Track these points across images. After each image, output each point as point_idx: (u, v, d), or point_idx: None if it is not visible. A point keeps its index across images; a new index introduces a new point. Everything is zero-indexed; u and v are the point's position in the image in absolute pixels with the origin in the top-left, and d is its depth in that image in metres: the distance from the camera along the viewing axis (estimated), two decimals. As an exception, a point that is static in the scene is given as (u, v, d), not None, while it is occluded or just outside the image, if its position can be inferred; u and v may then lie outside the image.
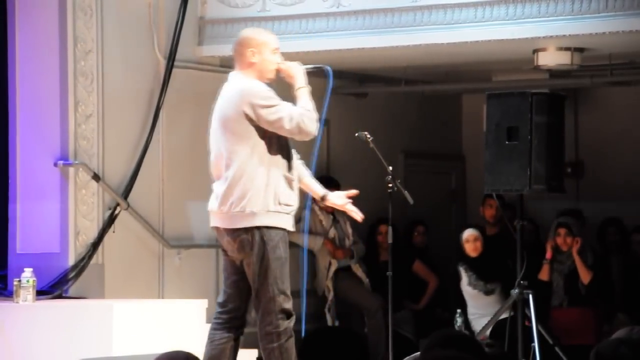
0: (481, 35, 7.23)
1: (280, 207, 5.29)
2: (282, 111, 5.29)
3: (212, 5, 7.92)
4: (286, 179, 5.32)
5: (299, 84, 5.47)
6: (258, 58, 5.47)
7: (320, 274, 8.63)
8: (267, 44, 5.51)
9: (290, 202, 5.32)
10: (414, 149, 9.62)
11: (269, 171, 5.27)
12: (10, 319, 6.72)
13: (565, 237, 7.99)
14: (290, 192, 5.33)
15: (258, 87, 5.38)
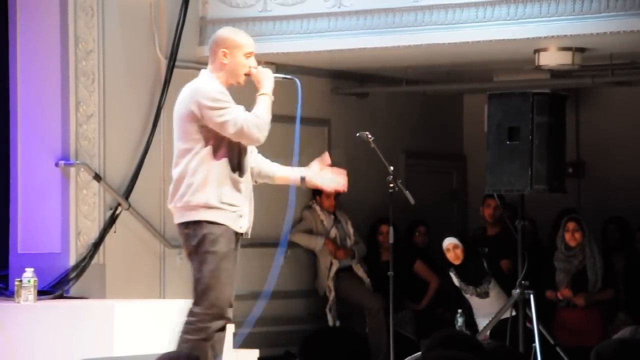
0: (482, 36, 7.23)
1: (223, 205, 5.31)
2: (229, 115, 5.29)
3: (213, 5, 7.92)
4: (232, 179, 5.33)
5: (262, 90, 5.47)
6: (229, 60, 5.45)
7: (321, 274, 8.64)
8: (241, 46, 5.47)
9: (234, 202, 5.32)
10: (415, 149, 9.62)
11: (213, 169, 5.29)
12: (11, 319, 6.72)
13: (574, 232, 7.93)
14: (235, 193, 5.32)
15: (209, 88, 5.37)
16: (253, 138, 5.35)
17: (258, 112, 5.38)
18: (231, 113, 5.29)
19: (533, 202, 7.82)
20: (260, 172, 5.59)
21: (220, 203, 5.30)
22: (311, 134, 8.92)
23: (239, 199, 5.35)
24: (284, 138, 8.74)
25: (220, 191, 5.30)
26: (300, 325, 8.29)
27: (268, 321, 8.39)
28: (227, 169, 5.32)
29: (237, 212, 5.34)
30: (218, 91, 5.35)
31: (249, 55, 5.48)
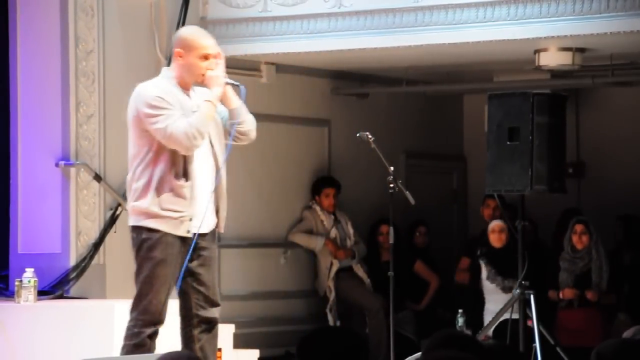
0: (483, 36, 7.23)
1: (163, 212, 5.30)
2: (161, 122, 5.27)
3: (214, 6, 7.92)
4: (174, 185, 5.30)
5: (207, 96, 5.38)
6: (183, 61, 5.39)
7: (321, 274, 8.64)
8: (197, 48, 5.39)
9: (175, 208, 5.30)
10: (415, 149, 9.62)
11: (155, 175, 5.30)
12: (11, 319, 6.71)
13: (582, 235, 7.93)
14: (178, 198, 5.29)
15: (147, 93, 5.35)
16: (182, 146, 5.28)
17: (192, 119, 5.31)
18: (164, 120, 5.27)
19: (533, 202, 7.82)
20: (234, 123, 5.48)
21: (160, 209, 5.31)
22: (311, 134, 8.93)
23: (182, 204, 5.30)
24: (284, 138, 8.76)
25: (161, 197, 5.31)
26: (301, 326, 8.29)
27: (268, 321, 8.39)
28: (169, 174, 5.30)
29: (179, 217, 5.31)
30: (154, 97, 5.32)
31: (205, 57, 5.38)
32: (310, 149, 8.89)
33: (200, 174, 5.38)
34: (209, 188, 5.39)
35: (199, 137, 5.28)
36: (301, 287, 8.71)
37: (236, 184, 8.31)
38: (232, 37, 7.88)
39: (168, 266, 5.30)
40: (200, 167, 5.38)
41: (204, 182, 5.39)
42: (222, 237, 8.23)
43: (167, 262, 5.30)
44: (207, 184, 5.40)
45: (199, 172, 5.38)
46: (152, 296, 5.30)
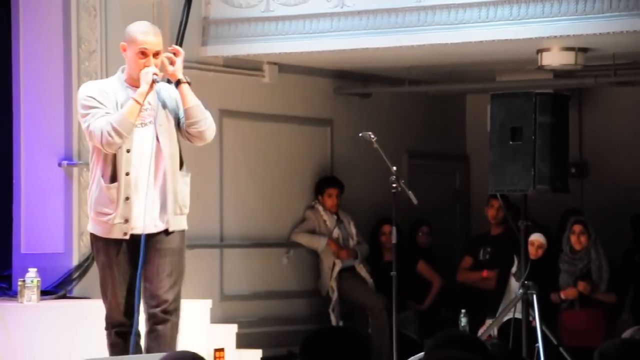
0: (485, 36, 7.23)
1: (96, 216, 5.30)
2: (87, 121, 5.24)
3: (216, 6, 7.92)
4: (102, 187, 5.27)
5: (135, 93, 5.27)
6: (126, 55, 5.32)
7: (324, 274, 8.63)
8: (135, 43, 5.29)
9: (104, 211, 5.27)
10: (418, 149, 9.62)
11: (95, 178, 5.31)
12: (14, 319, 6.71)
13: (580, 235, 7.92)
14: (105, 201, 5.26)
15: (81, 92, 5.34)
16: (100, 144, 5.23)
17: (112, 117, 5.26)
18: (89, 119, 5.25)
19: (536, 202, 7.82)
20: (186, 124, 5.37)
21: (95, 214, 5.33)
22: (314, 134, 8.93)
23: (111, 206, 5.27)
24: (287, 138, 8.76)
25: (95, 201, 5.32)
26: (303, 326, 8.29)
27: (271, 321, 8.39)
28: (102, 177, 5.29)
29: (108, 220, 5.28)
30: (85, 97, 5.30)
31: (142, 53, 5.28)
32: (312, 149, 8.89)
33: (141, 174, 5.27)
34: (152, 190, 5.29)
35: (116, 135, 5.18)
36: (304, 287, 8.71)
37: (238, 184, 8.32)
38: (234, 37, 7.89)
39: (114, 269, 5.29)
40: (141, 166, 5.27)
41: (150, 184, 5.29)
42: (225, 237, 8.26)
43: (112, 266, 5.29)
44: (151, 186, 5.30)
45: (140, 172, 5.26)
46: (106, 300, 5.35)
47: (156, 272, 5.31)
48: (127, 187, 5.26)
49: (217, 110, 8.14)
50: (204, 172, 8.03)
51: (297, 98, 8.77)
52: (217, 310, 7.59)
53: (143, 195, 5.26)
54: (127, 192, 5.26)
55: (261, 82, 8.42)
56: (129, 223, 5.27)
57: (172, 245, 5.36)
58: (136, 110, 5.23)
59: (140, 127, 5.30)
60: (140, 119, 5.29)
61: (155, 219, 5.33)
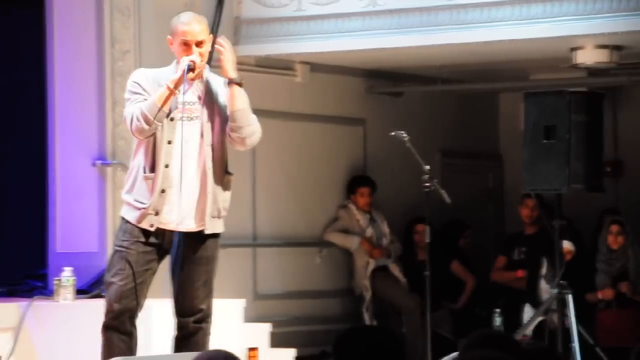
0: (518, 34, 7.19)
1: (134, 202, 5.19)
2: (127, 109, 5.16)
3: (248, 5, 7.93)
4: (142, 177, 5.16)
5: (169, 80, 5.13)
6: (172, 48, 5.25)
7: (357, 274, 8.63)
8: (177, 35, 5.21)
9: (139, 199, 5.16)
10: (451, 148, 9.59)
11: (134, 165, 5.20)
12: (50, 318, 6.76)
13: (617, 235, 7.87)
14: (142, 190, 5.14)
15: (131, 77, 5.23)
16: (130, 130, 5.14)
17: (143, 103, 5.12)
18: (128, 106, 5.17)
19: (571, 201, 7.77)
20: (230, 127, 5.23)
21: (132, 200, 5.20)
22: (346, 134, 8.92)
23: (146, 196, 5.15)
24: (319, 137, 8.76)
25: (134, 187, 5.20)
26: (337, 325, 8.29)
27: (304, 320, 8.39)
28: (142, 165, 5.19)
29: (143, 210, 5.16)
30: (131, 82, 5.22)
31: (185, 44, 5.18)
32: (345, 148, 8.88)
33: (181, 168, 5.13)
34: (190, 187, 5.16)
35: (143, 121, 5.05)
36: (337, 286, 8.71)
37: (272, 183, 8.33)
38: (266, 36, 7.89)
39: (122, 254, 5.17)
40: (182, 161, 5.13)
41: (188, 181, 5.15)
42: (258, 236, 8.27)
43: (122, 250, 5.18)
44: (190, 183, 5.17)
45: (180, 166, 5.13)
46: (107, 284, 5.21)
47: (190, 280, 5.19)
48: (165, 180, 5.13)
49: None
50: (237, 171, 7.97)
51: (329, 97, 8.77)
52: (250, 309, 7.60)
53: (178, 191, 5.13)
54: (164, 185, 5.13)
55: (293, 81, 8.42)
56: (159, 216, 5.14)
57: (207, 253, 5.24)
58: (166, 96, 5.07)
59: (187, 121, 5.15)
60: (186, 112, 5.14)
61: (187, 218, 5.19)
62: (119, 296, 5.17)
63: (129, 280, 5.16)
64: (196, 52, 5.15)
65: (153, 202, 5.14)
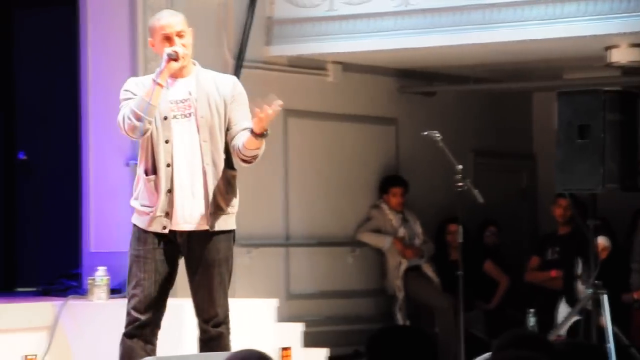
0: (552, 33, 7.16)
1: (140, 207, 5.12)
2: (119, 113, 5.08)
3: (280, 5, 7.95)
4: (145, 179, 5.09)
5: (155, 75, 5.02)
6: (155, 49, 5.14)
7: (390, 273, 8.62)
8: (156, 31, 5.10)
9: (145, 203, 5.09)
10: (483, 147, 9.56)
11: (140, 170, 5.13)
12: (84, 317, 6.80)
13: None
14: (147, 193, 5.07)
15: (123, 88, 5.18)
16: (124, 130, 5.03)
17: (133, 101, 5.03)
18: (121, 110, 5.08)
19: (605, 201, 7.72)
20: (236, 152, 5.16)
21: (139, 205, 5.14)
22: (378, 133, 8.91)
23: (151, 199, 5.07)
24: (351, 137, 8.76)
25: (139, 193, 5.13)
26: (369, 325, 8.28)
27: (337, 320, 8.39)
28: (144, 169, 5.10)
29: (149, 212, 5.08)
30: (122, 91, 5.18)
31: (167, 38, 5.07)
32: (377, 148, 8.88)
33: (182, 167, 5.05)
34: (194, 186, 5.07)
35: (134, 118, 4.96)
36: (369, 286, 8.70)
37: (304, 183, 8.33)
38: (298, 36, 7.90)
39: (140, 263, 5.08)
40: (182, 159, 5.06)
41: (190, 179, 5.07)
42: (290, 236, 8.28)
43: (141, 259, 5.08)
44: (193, 181, 5.08)
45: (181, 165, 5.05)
46: (129, 293, 5.15)
47: (205, 283, 5.14)
48: (168, 180, 5.05)
49: (281, 110, 8.16)
50: (269, 171, 8.06)
51: (361, 97, 8.76)
52: (283, 309, 7.61)
53: (184, 190, 5.05)
54: (169, 185, 5.05)
55: (325, 81, 8.43)
56: (170, 217, 5.06)
57: (219, 255, 5.16)
58: (154, 90, 4.98)
59: (180, 118, 5.09)
60: (179, 109, 5.08)
61: (195, 217, 5.10)
62: (142, 308, 5.12)
63: (151, 291, 5.11)
64: (178, 43, 5.07)
65: (160, 204, 5.07)
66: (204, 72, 5.20)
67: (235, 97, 5.20)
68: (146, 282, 5.11)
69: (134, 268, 5.14)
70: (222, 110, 5.14)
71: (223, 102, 5.15)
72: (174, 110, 5.09)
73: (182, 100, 5.12)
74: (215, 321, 5.18)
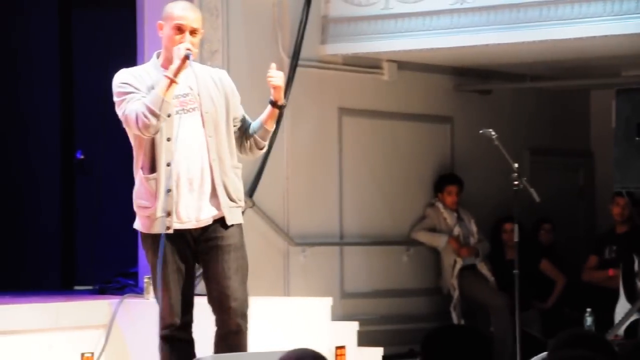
0: (610, 30, 7.07)
1: (139, 210, 4.98)
2: (122, 107, 4.89)
3: (336, 4, 7.95)
4: (143, 179, 4.93)
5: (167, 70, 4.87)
6: (162, 33, 4.94)
7: (445, 272, 8.59)
8: (171, 18, 4.91)
9: (144, 204, 4.94)
10: (540, 145, 9.48)
11: (137, 170, 4.97)
12: (141, 315, 6.85)
13: None
14: (146, 193, 4.90)
15: (115, 80, 4.98)
16: (137, 128, 4.83)
17: (146, 98, 4.85)
18: (124, 105, 4.89)
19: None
20: (255, 139, 5.07)
21: (137, 207, 4.99)
22: (434, 132, 8.88)
23: (149, 199, 4.91)
24: (406, 136, 8.73)
25: (136, 195, 4.97)
26: (424, 324, 8.26)
27: (392, 319, 8.38)
28: (143, 167, 4.93)
29: (150, 215, 4.93)
30: (119, 83, 4.96)
31: (179, 29, 4.91)
32: (432, 147, 8.84)
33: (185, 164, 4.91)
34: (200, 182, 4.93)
35: (151, 116, 4.79)
36: (424, 285, 8.67)
37: (358, 181, 8.33)
38: (353, 35, 7.90)
39: (161, 267, 4.92)
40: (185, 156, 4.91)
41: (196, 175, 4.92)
42: (345, 235, 8.28)
43: (166, 262, 4.94)
44: (199, 177, 4.94)
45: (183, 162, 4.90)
46: (159, 300, 5.01)
47: (221, 270, 4.96)
48: (168, 179, 4.87)
49: (336, 109, 8.18)
50: (323, 170, 8.07)
51: (417, 95, 8.73)
52: (337, 307, 7.61)
53: (187, 187, 4.90)
54: (169, 184, 4.87)
55: (380, 79, 8.41)
56: (172, 217, 4.90)
57: (233, 240, 4.98)
58: (167, 86, 4.84)
59: (183, 114, 4.95)
60: (182, 105, 4.94)
61: (203, 213, 4.95)
62: (172, 312, 5.02)
63: (176, 293, 5.01)
64: (188, 40, 4.92)
65: (160, 204, 4.90)
66: (198, 66, 5.09)
67: (233, 92, 5.15)
68: (170, 286, 4.99)
69: (154, 274, 5.02)
70: (223, 104, 5.03)
71: (224, 96, 5.05)
72: (176, 105, 4.94)
73: (184, 95, 4.97)
74: (236, 309, 4.99)
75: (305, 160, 7.94)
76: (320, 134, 8.05)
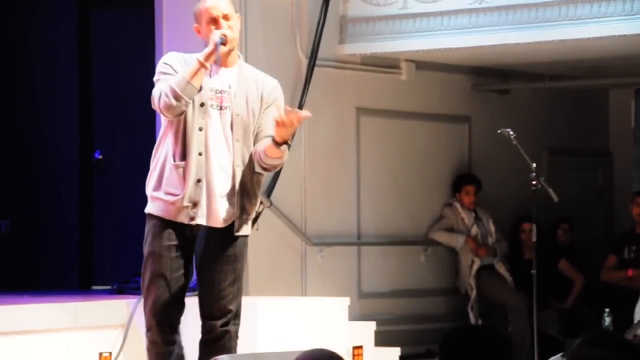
0: (629, 29, 7.05)
1: (160, 194, 4.78)
2: (156, 87, 4.78)
3: (354, 4, 7.94)
4: (172, 165, 4.76)
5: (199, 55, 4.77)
6: (201, 35, 4.92)
7: (463, 272, 8.57)
8: (202, 15, 4.90)
9: (171, 191, 4.76)
10: (558, 145, 9.46)
11: (161, 155, 4.81)
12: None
13: None
14: (173, 180, 4.74)
15: (162, 58, 4.91)
16: (158, 107, 4.72)
17: (174, 78, 4.75)
18: (157, 85, 4.79)
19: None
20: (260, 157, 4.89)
21: (160, 192, 4.79)
22: (452, 131, 8.87)
23: (179, 187, 4.75)
24: (424, 135, 8.72)
25: (162, 180, 4.79)
26: (442, 324, 8.25)
27: (410, 319, 8.37)
28: (171, 153, 4.77)
29: (176, 202, 4.76)
30: (162, 63, 4.87)
31: (214, 21, 4.86)
32: (450, 146, 8.83)
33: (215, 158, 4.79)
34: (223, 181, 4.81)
35: (172, 97, 4.67)
36: (442, 285, 8.66)
37: (376, 181, 8.32)
38: (372, 34, 7.89)
39: (155, 260, 4.80)
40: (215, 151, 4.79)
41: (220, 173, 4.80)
42: (362, 235, 8.28)
43: (154, 256, 4.80)
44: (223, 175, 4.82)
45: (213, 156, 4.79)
46: (146, 296, 4.87)
47: (217, 278, 4.86)
48: (200, 169, 4.75)
49: (354, 108, 8.17)
50: (341, 170, 8.07)
51: (435, 95, 8.72)
52: (355, 307, 7.61)
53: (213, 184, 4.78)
54: (199, 174, 4.75)
55: (398, 79, 8.40)
56: (197, 208, 4.77)
57: (237, 250, 4.91)
58: (197, 71, 4.72)
59: (217, 110, 4.83)
60: (217, 100, 4.83)
61: (219, 213, 4.83)
62: (158, 310, 4.86)
63: (165, 291, 4.84)
64: (225, 25, 4.83)
65: (189, 193, 4.74)
66: (247, 68, 5.00)
67: (273, 102, 4.97)
68: (160, 282, 4.83)
69: (147, 266, 4.87)
70: (257, 111, 4.89)
71: (260, 103, 4.91)
72: (212, 98, 4.83)
73: (220, 91, 4.86)
74: (226, 319, 4.91)
75: (322, 160, 7.94)
76: (338, 133, 8.05)
